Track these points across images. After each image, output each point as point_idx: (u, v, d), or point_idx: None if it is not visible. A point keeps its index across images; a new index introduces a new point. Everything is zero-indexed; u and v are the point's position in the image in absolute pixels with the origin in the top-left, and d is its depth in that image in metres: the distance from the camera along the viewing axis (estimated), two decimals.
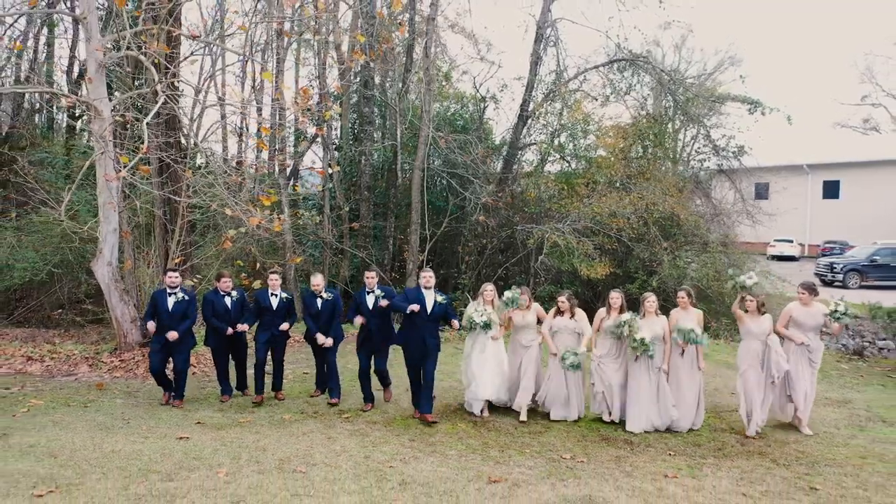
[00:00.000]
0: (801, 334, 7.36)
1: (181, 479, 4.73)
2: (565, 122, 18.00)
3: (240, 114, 14.75)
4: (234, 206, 8.57)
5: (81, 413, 7.03)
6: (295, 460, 5.31)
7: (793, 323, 7.50)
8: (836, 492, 5.12)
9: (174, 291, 7.99)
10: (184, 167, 10.12)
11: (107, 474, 4.83)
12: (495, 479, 4.94)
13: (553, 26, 17.88)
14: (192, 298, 8.13)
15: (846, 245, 28.94)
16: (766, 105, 16.75)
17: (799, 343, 7.33)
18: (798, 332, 7.38)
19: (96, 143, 9.42)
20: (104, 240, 10.07)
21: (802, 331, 7.40)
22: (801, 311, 7.47)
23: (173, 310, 7.91)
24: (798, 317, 7.46)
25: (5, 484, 4.52)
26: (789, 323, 7.53)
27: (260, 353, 8.20)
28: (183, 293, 8.05)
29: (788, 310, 7.60)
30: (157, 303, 7.96)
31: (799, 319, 7.44)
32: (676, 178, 18.40)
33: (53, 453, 5.34)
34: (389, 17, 16.42)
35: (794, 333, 7.39)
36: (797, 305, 7.53)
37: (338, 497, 4.53)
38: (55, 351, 11.25)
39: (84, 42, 10.28)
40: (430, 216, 16.04)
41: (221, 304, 8.24)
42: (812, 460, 6.15)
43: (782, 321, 7.57)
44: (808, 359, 7.39)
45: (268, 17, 12.15)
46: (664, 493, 4.87)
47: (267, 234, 11.02)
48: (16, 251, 14.48)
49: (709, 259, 15.61)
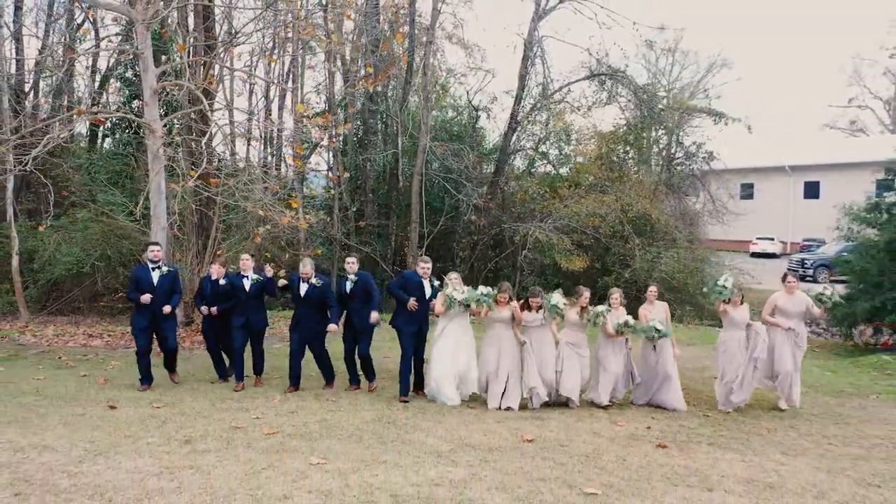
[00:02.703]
0: (786, 321, 7.89)
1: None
2: (550, 130, 20.09)
3: (259, 124, 16.79)
4: (269, 207, 10.56)
5: (155, 370, 9.07)
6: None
7: (778, 311, 8.01)
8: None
9: (157, 266, 7.69)
10: (221, 174, 12.16)
11: (196, 398, 6.96)
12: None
13: (539, 44, 19.88)
14: (175, 273, 7.97)
15: (824, 243, 30.76)
16: (729, 116, 18.81)
17: (786, 328, 7.86)
18: (783, 319, 7.91)
19: (151, 157, 11.45)
20: (155, 235, 12.10)
21: (787, 317, 7.91)
22: (785, 298, 8.02)
23: (158, 284, 7.63)
24: (783, 305, 8.00)
25: (131, 401, 6.64)
26: (774, 311, 8.03)
27: (236, 340, 7.93)
28: (167, 267, 7.85)
29: (773, 299, 8.12)
30: (138, 278, 7.65)
31: (784, 307, 7.98)
32: (650, 181, 20.50)
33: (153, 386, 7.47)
34: (392, 31, 18.37)
35: (780, 320, 7.90)
36: (782, 294, 8.08)
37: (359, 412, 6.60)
38: (111, 329, 13.34)
39: (142, 73, 12.20)
40: (428, 215, 18.12)
41: (209, 288, 8.25)
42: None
43: (767, 309, 8.08)
44: (794, 342, 7.93)
45: (281, 30, 14.09)
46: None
47: (288, 231, 13.05)
48: (61, 247, 16.29)
49: (676, 255, 17.63)
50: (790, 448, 6.30)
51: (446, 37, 21.07)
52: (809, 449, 6.31)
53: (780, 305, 8.01)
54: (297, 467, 4.71)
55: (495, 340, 7.72)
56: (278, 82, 14.77)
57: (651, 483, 4.91)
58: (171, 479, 4.31)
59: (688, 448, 6.12)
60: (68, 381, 8.24)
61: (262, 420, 6.30)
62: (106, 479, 4.29)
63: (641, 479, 4.99)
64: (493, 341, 7.73)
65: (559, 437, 6.24)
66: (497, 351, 7.63)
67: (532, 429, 6.46)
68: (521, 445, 5.85)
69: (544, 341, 7.78)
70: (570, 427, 6.66)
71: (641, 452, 5.84)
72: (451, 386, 7.58)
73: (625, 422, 7.01)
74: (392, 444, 5.59)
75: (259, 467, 4.68)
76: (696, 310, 17.39)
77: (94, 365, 9.75)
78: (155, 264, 7.67)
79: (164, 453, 4.92)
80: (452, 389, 7.58)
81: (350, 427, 6.13)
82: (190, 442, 5.31)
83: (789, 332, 7.91)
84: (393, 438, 5.81)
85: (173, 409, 6.60)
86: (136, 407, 6.70)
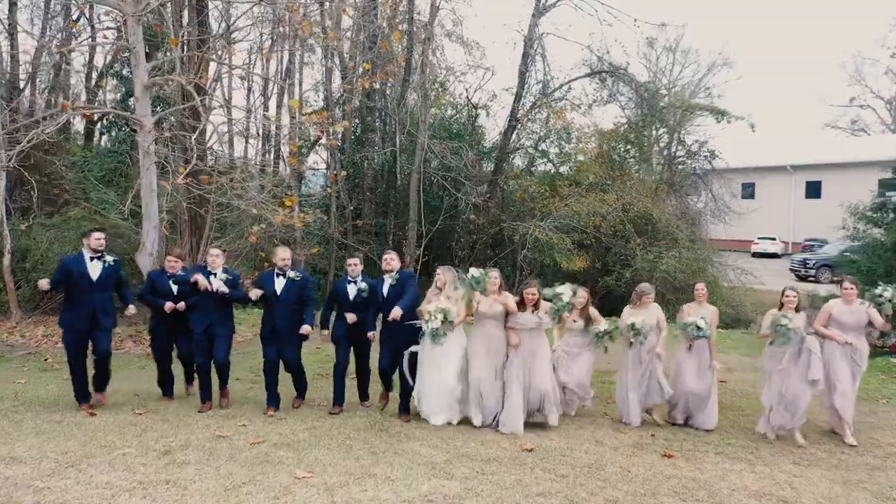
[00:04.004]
0: (842, 334, 6.70)
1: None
2: (550, 128, 19.79)
3: (256, 121, 16.51)
4: (261, 205, 10.28)
5: (142, 373, 8.78)
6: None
7: (833, 322, 6.81)
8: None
9: (97, 256, 6.48)
10: (214, 171, 11.88)
11: (182, 402, 6.67)
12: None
13: (539, 41, 19.58)
14: (118, 264, 6.74)
15: (825, 243, 30.52)
16: (731, 114, 18.52)
17: (842, 343, 6.67)
18: (839, 333, 6.71)
19: (142, 153, 11.16)
20: (146, 234, 11.82)
21: (844, 330, 6.73)
22: (841, 308, 6.81)
23: (99, 277, 6.44)
24: (839, 315, 6.78)
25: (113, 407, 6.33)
26: (829, 321, 6.84)
27: (197, 348, 6.70)
28: (111, 256, 6.62)
29: (828, 307, 6.92)
30: (70, 271, 6.40)
31: (840, 318, 6.75)
32: (652, 180, 20.21)
33: (136, 392, 7.15)
34: (390, 28, 18.06)
35: (835, 333, 6.72)
36: (838, 303, 6.89)
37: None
38: None
39: (133, 68, 12.00)
40: (427, 214, 17.82)
41: (166, 285, 6.92)
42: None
43: (821, 319, 6.88)
44: (852, 359, 6.71)
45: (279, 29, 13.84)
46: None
47: (283, 230, 12.77)
48: (54, 246, 16.04)
49: (678, 255, 17.34)
50: (801, 458, 6.03)
51: (445, 34, 20.81)
52: (822, 459, 6.03)
53: (836, 315, 6.81)
54: (280, 482, 4.43)
55: (483, 341, 6.47)
56: (275, 80, 14.45)
57: (657, 498, 4.64)
58: (144, 496, 4.04)
59: (694, 458, 5.84)
60: (50, 384, 7.94)
61: (248, 428, 6.00)
62: (73, 495, 4.01)
63: (647, 494, 4.71)
64: (481, 342, 6.48)
65: (560, 445, 5.96)
66: (487, 354, 6.42)
67: (532, 437, 6.17)
68: (520, 455, 5.57)
69: (538, 350, 6.52)
70: (571, 435, 6.36)
71: (646, 463, 5.56)
72: (434, 403, 6.44)
73: (628, 429, 6.73)
74: (383, 455, 5.31)
75: (240, 481, 4.40)
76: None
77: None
78: (97, 254, 6.46)
79: (140, 465, 4.64)
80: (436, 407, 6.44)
81: (340, 436, 5.84)
82: (169, 452, 5.02)
83: (846, 347, 6.70)
84: (385, 448, 5.52)
85: (155, 416, 6.30)
86: (117, 413, 6.39)
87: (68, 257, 7.00)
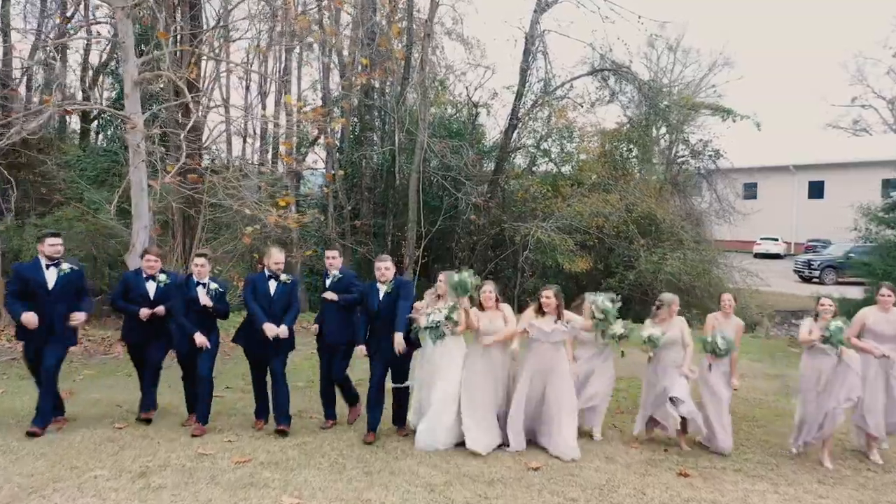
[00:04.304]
0: (878, 346, 6.11)
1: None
2: (552, 127, 19.38)
3: (253, 120, 16.12)
4: (254, 206, 9.88)
5: (129, 380, 8.36)
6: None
7: (867, 332, 6.23)
8: None
9: (53, 263, 5.86)
10: (207, 171, 11.48)
11: (166, 415, 6.26)
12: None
13: (541, 38, 19.18)
14: (81, 272, 6.16)
15: (829, 243, 30.24)
16: (737, 113, 18.14)
17: (879, 356, 6.09)
18: (874, 344, 6.12)
19: (132, 151, 10.76)
20: (136, 235, 11.42)
21: (880, 341, 6.14)
22: (877, 317, 6.21)
23: (55, 285, 5.83)
24: (874, 324, 6.19)
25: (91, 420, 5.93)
26: (863, 331, 6.25)
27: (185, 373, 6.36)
28: (70, 264, 5.99)
29: (862, 315, 6.29)
30: (25, 279, 5.77)
31: (876, 328, 6.18)
32: (655, 180, 19.82)
33: (119, 403, 6.74)
34: (389, 24, 17.69)
35: (870, 345, 6.12)
36: (873, 311, 6.28)
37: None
38: (91, 334, 12.64)
39: (123, 63, 11.60)
40: (426, 215, 17.41)
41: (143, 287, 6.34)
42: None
43: (854, 329, 6.20)
44: (890, 373, 6.16)
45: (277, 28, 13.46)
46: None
47: (279, 231, 12.37)
48: None
49: (683, 255, 16.96)
50: (826, 475, 5.66)
51: (445, 32, 20.41)
52: (847, 476, 5.67)
53: (871, 325, 6.19)
54: None
55: (485, 363, 5.75)
56: (273, 77, 14.05)
57: None
58: None
59: (712, 477, 5.46)
60: (27, 394, 7.45)
61: (234, 444, 5.60)
62: None
63: None
64: (480, 365, 5.75)
65: (568, 463, 5.57)
66: (493, 380, 5.76)
67: (538, 453, 5.78)
68: (527, 475, 5.18)
69: (556, 367, 5.78)
70: (580, 450, 5.96)
71: (662, 483, 5.18)
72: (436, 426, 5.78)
73: (639, 444, 6.33)
74: (378, 476, 4.92)
75: None
76: (705, 314, 16.66)
77: (63, 375, 8.89)
78: (53, 261, 5.83)
79: (111, 490, 4.26)
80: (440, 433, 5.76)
81: (333, 453, 5.45)
82: (145, 475, 4.63)
83: (882, 361, 6.12)
84: (380, 468, 5.13)
85: (135, 431, 5.87)
86: (95, 428, 5.96)
87: (22, 264, 6.39)
